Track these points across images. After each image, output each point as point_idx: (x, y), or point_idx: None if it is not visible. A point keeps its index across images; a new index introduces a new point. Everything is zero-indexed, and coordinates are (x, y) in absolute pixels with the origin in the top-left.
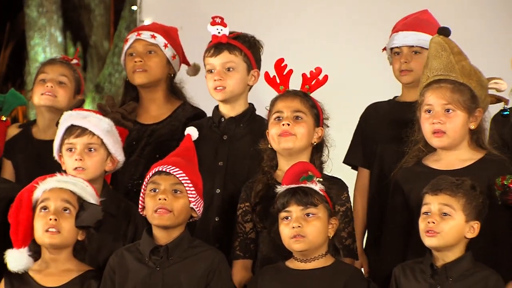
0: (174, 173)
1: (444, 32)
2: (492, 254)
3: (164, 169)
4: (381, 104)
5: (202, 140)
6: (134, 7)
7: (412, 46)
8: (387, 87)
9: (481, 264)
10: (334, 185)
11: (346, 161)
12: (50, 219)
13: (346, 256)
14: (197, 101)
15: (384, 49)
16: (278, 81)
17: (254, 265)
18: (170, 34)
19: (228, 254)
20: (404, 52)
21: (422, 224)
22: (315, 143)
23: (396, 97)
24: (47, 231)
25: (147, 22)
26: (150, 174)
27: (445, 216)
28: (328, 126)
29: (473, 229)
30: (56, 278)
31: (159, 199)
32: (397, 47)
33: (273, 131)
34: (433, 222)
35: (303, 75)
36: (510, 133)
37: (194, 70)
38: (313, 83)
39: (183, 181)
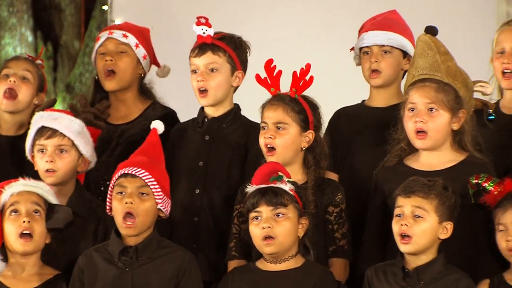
0: (140, 176)
1: (431, 31)
2: (467, 255)
3: (130, 172)
4: (351, 109)
5: (186, 140)
6: (105, 7)
7: (383, 46)
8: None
9: (452, 267)
10: (328, 186)
11: None
12: (24, 221)
13: (340, 257)
14: (167, 101)
15: (352, 49)
16: (269, 82)
17: None
18: (143, 34)
19: (206, 253)
20: (374, 51)
21: (395, 227)
22: (304, 148)
23: (364, 100)
24: (20, 236)
25: (118, 22)
26: (116, 176)
27: (417, 218)
28: (321, 125)
29: (446, 230)
30: (26, 283)
31: (126, 203)
32: (367, 47)
33: (260, 142)
34: (406, 225)
35: (294, 74)
36: (493, 138)
37: (164, 71)
38: (300, 84)
39: (149, 183)
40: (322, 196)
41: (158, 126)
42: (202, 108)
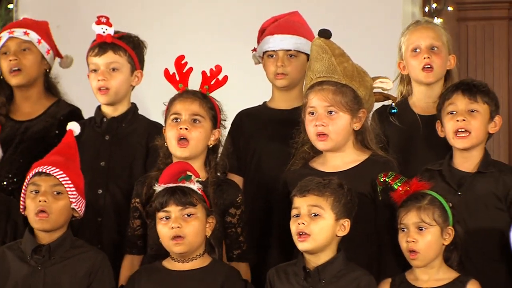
0: (54, 174)
1: (325, 34)
2: (371, 253)
3: (44, 170)
4: (253, 110)
5: (85, 140)
6: (10, 6)
7: (289, 50)
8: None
9: (353, 265)
10: (230, 187)
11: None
12: None
13: (245, 261)
14: (72, 98)
15: (254, 49)
16: (177, 78)
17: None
18: (42, 28)
19: (110, 254)
20: (280, 55)
21: (293, 227)
22: (211, 146)
23: (265, 102)
24: None
25: None
26: (31, 174)
27: (314, 217)
28: (225, 128)
29: (343, 227)
30: None
31: (39, 201)
32: (272, 50)
33: (170, 134)
34: (303, 223)
35: (203, 73)
36: (394, 130)
37: (67, 62)
38: (212, 83)
39: (63, 182)
40: (222, 196)
41: (74, 127)
42: (99, 108)
